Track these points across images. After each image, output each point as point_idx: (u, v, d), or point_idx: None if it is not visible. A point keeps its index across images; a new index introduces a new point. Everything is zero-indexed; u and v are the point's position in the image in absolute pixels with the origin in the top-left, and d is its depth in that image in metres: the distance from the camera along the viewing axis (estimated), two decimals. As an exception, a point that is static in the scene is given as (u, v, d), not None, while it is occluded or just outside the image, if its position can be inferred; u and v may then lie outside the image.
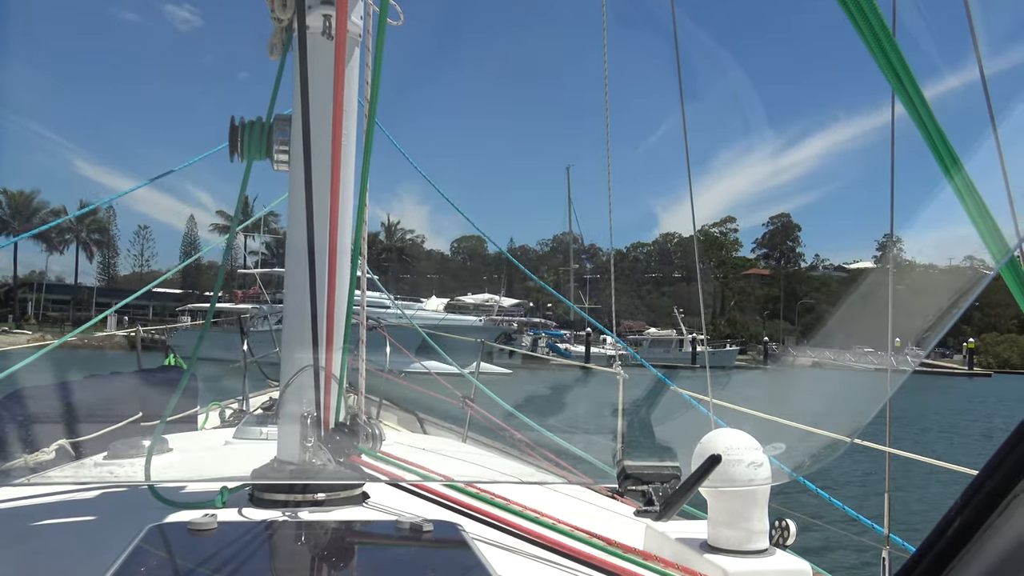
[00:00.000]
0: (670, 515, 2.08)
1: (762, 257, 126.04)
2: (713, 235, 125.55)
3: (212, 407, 5.99)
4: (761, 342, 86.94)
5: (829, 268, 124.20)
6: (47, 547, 2.05)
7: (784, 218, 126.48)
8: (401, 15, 2.88)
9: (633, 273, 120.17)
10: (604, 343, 73.91)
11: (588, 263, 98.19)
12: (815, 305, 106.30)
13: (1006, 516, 0.92)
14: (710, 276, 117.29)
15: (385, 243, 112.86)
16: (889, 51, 1.36)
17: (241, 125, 2.56)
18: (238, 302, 59.18)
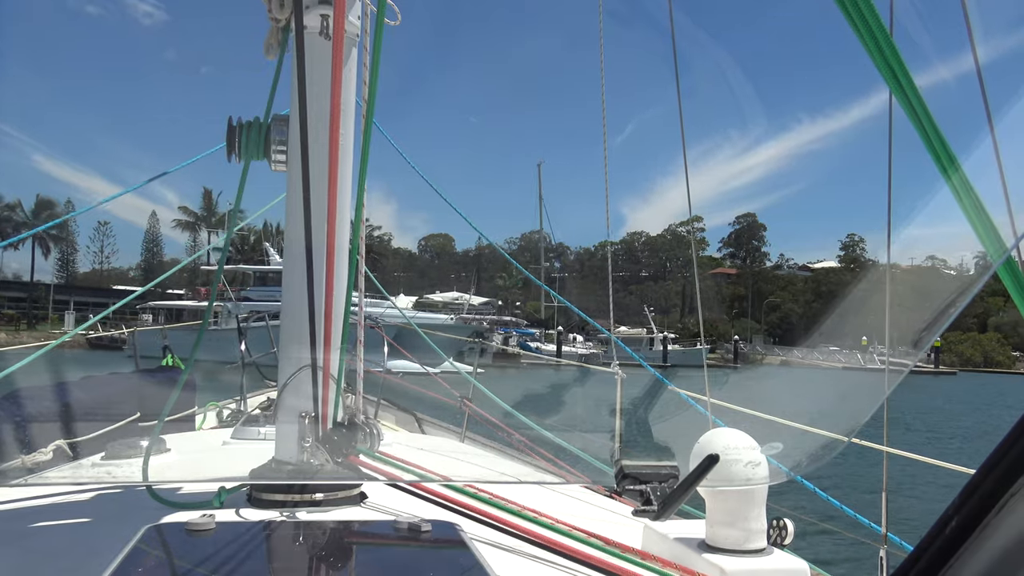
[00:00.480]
0: (668, 515, 2.08)
1: (728, 256, 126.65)
2: (680, 234, 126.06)
3: (210, 407, 5.99)
4: (730, 340, 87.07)
5: (794, 268, 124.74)
6: (44, 548, 2.05)
7: (750, 218, 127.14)
8: (398, 15, 2.88)
9: (601, 272, 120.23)
10: (574, 342, 73.35)
11: (556, 262, 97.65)
12: (780, 304, 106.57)
13: (1003, 515, 0.92)
14: (677, 275, 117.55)
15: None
16: (887, 51, 1.36)
17: (239, 125, 2.56)
18: (201, 299, 58.22)
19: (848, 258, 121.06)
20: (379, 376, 6.85)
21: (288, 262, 2.51)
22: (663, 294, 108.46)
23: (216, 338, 8.55)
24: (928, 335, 1.49)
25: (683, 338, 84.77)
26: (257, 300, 48.76)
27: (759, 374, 6.83)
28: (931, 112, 1.37)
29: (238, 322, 7.58)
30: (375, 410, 6.16)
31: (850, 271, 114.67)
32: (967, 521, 0.96)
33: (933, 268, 2.97)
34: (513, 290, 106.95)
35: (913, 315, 1.42)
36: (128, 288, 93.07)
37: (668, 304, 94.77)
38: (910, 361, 1.75)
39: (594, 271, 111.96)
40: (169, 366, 6.94)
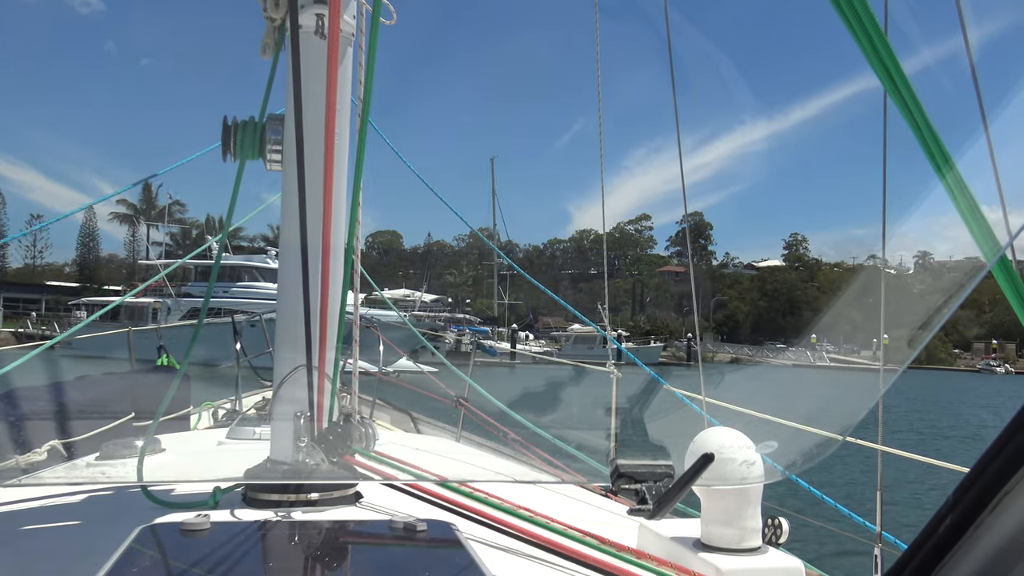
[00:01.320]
0: (663, 513, 2.08)
1: (675, 255, 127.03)
2: (628, 232, 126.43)
3: (205, 407, 5.98)
4: (681, 338, 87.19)
5: (739, 266, 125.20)
6: (39, 548, 2.04)
7: (696, 217, 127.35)
8: (394, 14, 2.87)
9: (551, 270, 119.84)
10: (526, 340, 72.70)
11: (499, 261, 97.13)
12: (728, 302, 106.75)
13: (997, 513, 0.93)
14: (625, 273, 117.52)
15: None
16: (881, 49, 1.37)
17: (234, 125, 2.55)
18: (138, 295, 56.92)
19: (792, 257, 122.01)
20: (374, 376, 6.84)
21: (283, 261, 2.50)
22: (612, 292, 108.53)
23: (158, 336, 8.46)
24: (923, 333, 1.49)
25: (635, 336, 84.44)
26: (199, 296, 48.33)
27: (752, 373, 6.83)
28: (926, 111, 1.37)
29: (232, 321, 7.56)
30: (370, 410, 6.15)
31: (794, 270, 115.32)
32: (961, 519, 0.96)
33: (924, 267, 2.93)
34: (463, 287, 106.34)
35: (858, 313, 1.42)
36: (64, 284, 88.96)
37: (618, 302, 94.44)
38: (905, 360, 1.75)
39: (542, 269, 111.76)
40: (164, 366, 6.93)
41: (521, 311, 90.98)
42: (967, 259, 1.51)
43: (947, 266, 2.55)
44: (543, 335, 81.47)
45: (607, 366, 5.45)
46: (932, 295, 1.51)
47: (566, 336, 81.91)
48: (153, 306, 51.42)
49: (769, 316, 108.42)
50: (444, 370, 7.36)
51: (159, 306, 51.09)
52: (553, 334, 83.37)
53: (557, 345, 77.20)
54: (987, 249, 1.39)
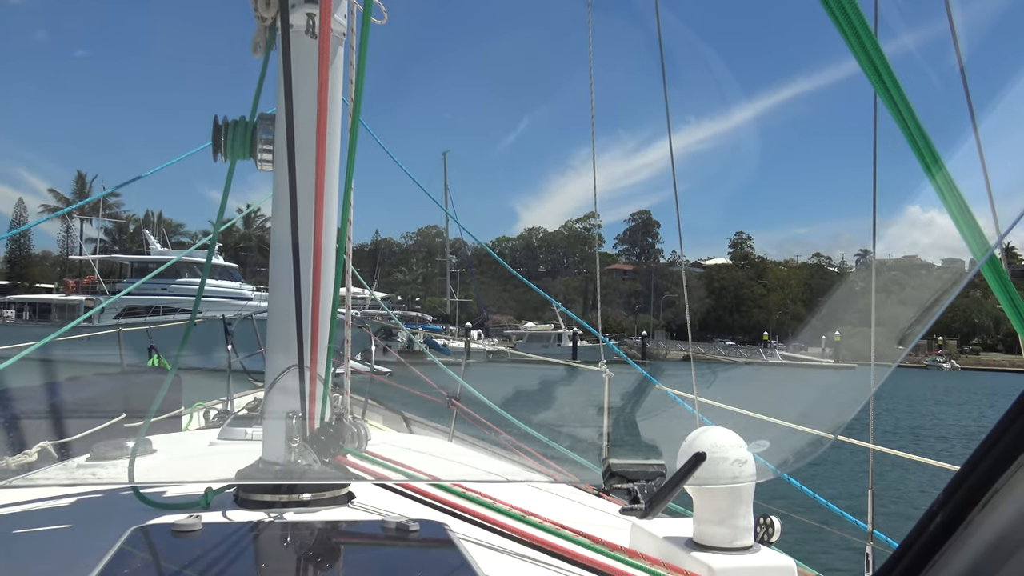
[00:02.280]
0: (655, 513, 2.08)
1: (624, 252, 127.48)
2: (577, 230, 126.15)
3: (196, 408, 5.96)
4: (633, 336, 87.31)
5: (686, 264, 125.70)
6: (29, 550, 2.03)
7: (644, 215, 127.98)
8: (385, 14, 2.87)
9: (500, 268, 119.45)
10: (478, 339, 72.03)
11: (454, 257, 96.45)
12: (676, 300, 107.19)
13: (987, 511, 0.93)
14: (574, 271, 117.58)
15: (243, 231, 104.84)
16: (871, 51, 1.37)
17: (224, 124, 2.55)
18: (70, 292, 53.71)
19: (738, 255, 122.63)
20: (366, 375, 6.84)
21: (275, 262, 2.50)
22: (562, 290, 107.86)
23: (92, 337, 8.28)
24: (914, 332, 1.50)
25: (588, 334, 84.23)
26: (135, 294, 45.38)
27: (744, 373, 6.85)
28: (916, 112, 1.38)
29: (224, 322, 7.55)
30: (363, 410, 6.15)
31: (740, 268, 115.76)
32: (951, 518, 0.97)
33: (909, 265, 2.95)
34: (413, 285, 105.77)
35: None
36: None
37: (567, 300, 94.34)
38: (896, 357, 1.76)
39: (491, 267, 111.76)
40: (155, 366, 6.91)
41: (472, 309, 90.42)
42: (950, 259, 1.52)
43: (934, 270, 2.57)
44: (495, 333, 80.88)
45: (599, 365, 5.45)
46: (920, 294, 1.52)
47: (519, 334, 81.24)
48: (86, 304, 48.46)
49: (716, 314, 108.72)
50: (397, 369, 7.35)
51: (91, 304, 47.73)
52: (506, 332, 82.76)
53: (510, 343, 76.47)
54: (976, 248, 1.40)
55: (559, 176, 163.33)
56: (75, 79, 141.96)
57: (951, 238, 1.45)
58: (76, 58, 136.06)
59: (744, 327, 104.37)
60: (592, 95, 5.34)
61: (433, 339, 61.02)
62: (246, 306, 32.26)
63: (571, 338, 75.13)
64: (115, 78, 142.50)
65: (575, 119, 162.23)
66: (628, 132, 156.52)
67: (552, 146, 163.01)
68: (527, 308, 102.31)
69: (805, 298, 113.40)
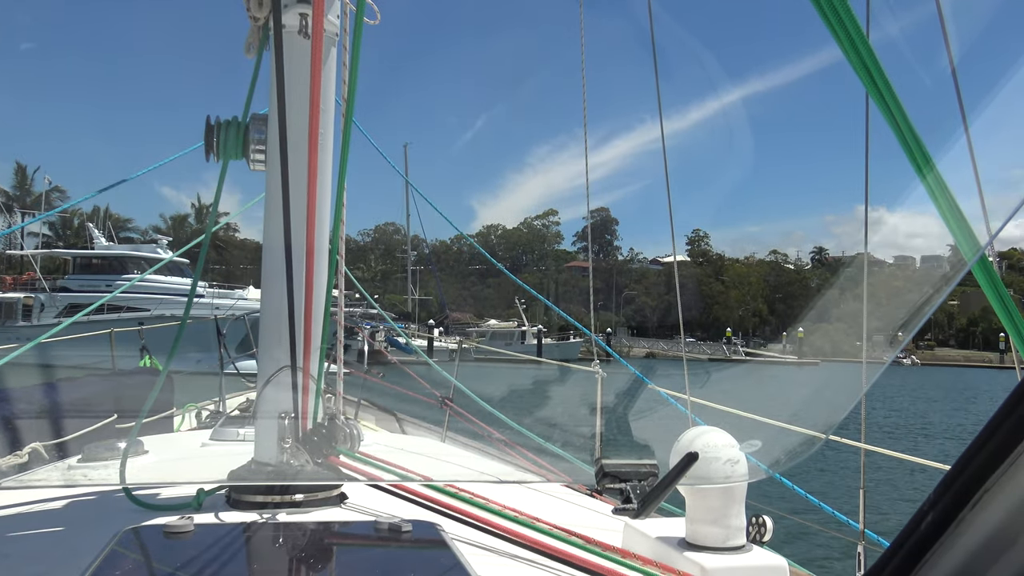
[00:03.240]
0: (648, 513, 2.09)
1: (582, 250, 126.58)
2: (536, 227, 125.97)
3: (188, 408, 5.95)
4: (605, 332, 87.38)
5: (644, 261, 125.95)
6: (20, 552, 2.02)
7: (603, 212, 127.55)
8: (378, 14, 2.87)
9: (458, 265, 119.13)
10: (442, 337, 71.26)
11: (412, 254, 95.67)
12: (636, 297, 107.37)
13: (978, 510, 0.94)
14: (533, 268, 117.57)
15: (195, 227, 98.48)
16: (863, 51, 1.38)
17: (217, 124, 2.54)
18: (7, 289, 49.50)
19: (695, 252, 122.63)
20: (359, 376, 6.83)
21: (267, 262, 2.49)
22: (519, 287, 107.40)
23: (31, 336, 8.07)
24: (905, 332, 1.50)
25: (550, 331, 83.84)
26: (78, 291, 43.62)
27: (736, 372, 6.87)
28: (907, 113, 1.39)
29: (216, 322, 7.53)
30: (355, 410, 6.14)
31: (698, 265, 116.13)
32: (942, 516, 0.97)
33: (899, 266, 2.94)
34: (372, 282, 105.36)
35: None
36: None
37: (528, 298, 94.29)
38: (889, 356, 1.77)
39: (450, 264, 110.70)
40: (146, 367, 6.89)
41: (433, 306, 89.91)
42: (933, 258, 1.53)
43: (920, 271, 2.58)
44: (457, 331, 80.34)
45: (592, 366, 5.46)
46: (910, 293, 1.53)
47: (481, 332, 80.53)
48: (24, 301, 46.68)
49: (675, 311, 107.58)
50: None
51: (30, 301, 46.31)
52: (469, 329, 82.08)
53: (473, 341, 76.16)
54: (967, 248, 1.40)
55: (516, 174, 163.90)
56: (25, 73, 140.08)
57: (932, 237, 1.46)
58: (21, 51, 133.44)
59: (703, 324, 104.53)
60: (584, 96, 5.36)
61: (394, 337, 59.49)
62: (233, 307, 31.68)
63: (535, 336, 74.09)
64: (109, 77, 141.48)
65: (532, 117, 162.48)
66: (585, 129, 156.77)
67: (509, 144, 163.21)
68: (486, 306, 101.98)
69: (765, 295, 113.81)
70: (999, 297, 1.44)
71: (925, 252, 52.02)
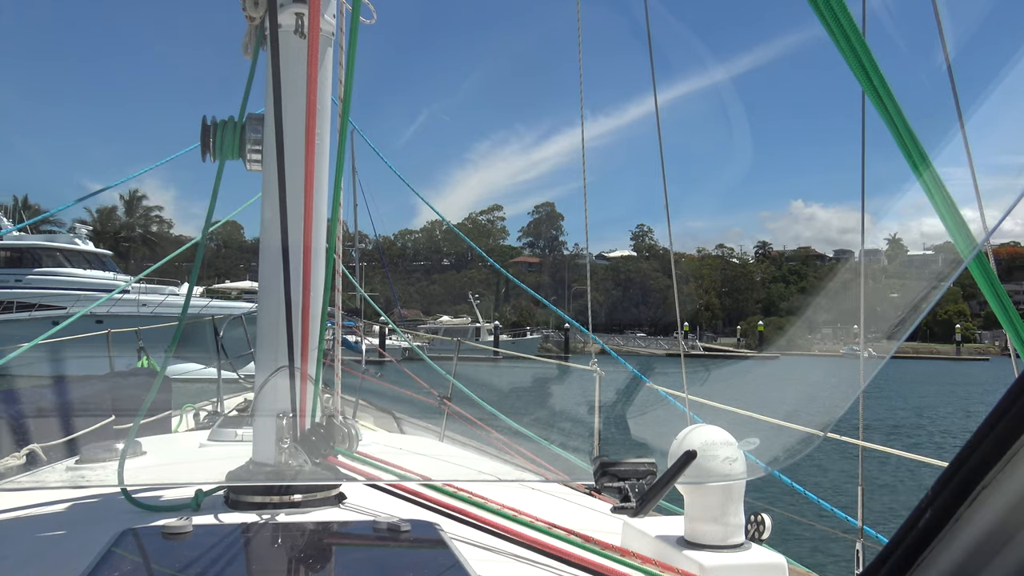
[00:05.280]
0: (646, 511, 2.09)
1: (528, 245, 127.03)
2: (481, 223, 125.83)
3: (186, 409, 5.95)
4: (548, 329, 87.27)
5: (590, 256, 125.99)
6: (17, 553, 2.02)
7: (548, 207, 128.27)
8: (374, 13, 2.87)
9: (403, 261, 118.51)
10: (392, 335, 69.38)
11: (353, 251, 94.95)
12: (584, 292, 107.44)
13: (976, 507, 0.94)
14: (479, 264, 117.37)
15: (124, 220, 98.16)
16: (859, 50, 1.38)
17: (213, 125, 2.54)
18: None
19: (640, 247, 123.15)
20: (357, 376, 6.83)
21: (264, 262, 2.49)
22: (468, 283, 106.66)
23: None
24: (902, 329, 1.50)
25: (507, 328, 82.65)
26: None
27: (734, 370, 6.86)
28: (903, 110, 1.39)
29: (213, 323, 7.52)
30: (353, 410, 6.14)
31: (644, 259, 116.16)
32: (941, 513, 0.97)
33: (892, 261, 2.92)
34: None
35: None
36: None
37: (475, 294, 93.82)
38: (887, 353, 1.77)
39: (394, 259, 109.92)
40: (143, 368, 6.88)
41: (381, 304, 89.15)
42: (924, 255, 1.54)
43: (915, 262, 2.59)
44: (407, 328, 79.22)
45: (591, 364, 5.46)
46: (906, 291, 1.53)
47: (432, 329, 79.43)
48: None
49: (623, 306, 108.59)
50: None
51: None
52: (421, 327, 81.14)
53: (425, 338, 74.92)
54: (963, 246, 1.41)
55: (458, 170, 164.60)
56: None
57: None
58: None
59: (651, 318, 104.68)
60: (582, 95, 5.35)
61: (344, 336, 56.86)
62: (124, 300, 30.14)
63: (491, 332, 72.53)
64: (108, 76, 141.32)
65: (472, 113, 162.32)
66: (525, 126, 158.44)
67: (451, 140, 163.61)
68: (432, 302, 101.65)
69: (717, 289, 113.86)
70: (995, 294, 1.44)
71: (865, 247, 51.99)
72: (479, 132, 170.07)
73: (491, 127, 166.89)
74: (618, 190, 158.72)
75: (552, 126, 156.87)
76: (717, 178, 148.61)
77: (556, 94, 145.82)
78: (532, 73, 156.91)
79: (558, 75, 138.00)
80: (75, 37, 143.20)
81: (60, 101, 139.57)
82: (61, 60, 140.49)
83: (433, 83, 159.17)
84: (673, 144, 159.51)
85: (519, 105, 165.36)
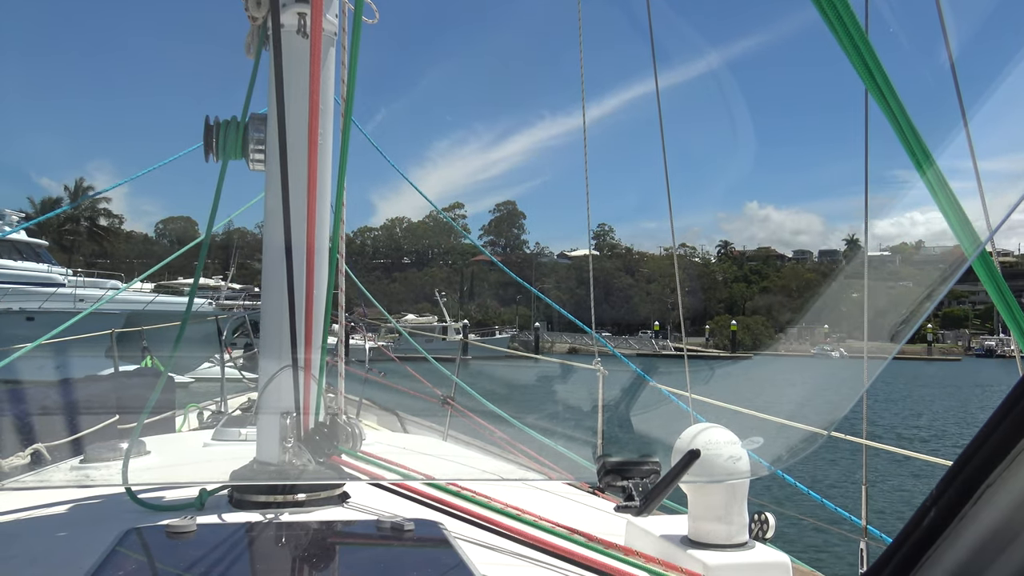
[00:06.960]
0: (650, 510, 2.08)
1: (489, 244, 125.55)
2: (442, 221, 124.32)
3: (190, 408, 5.95)
4: (515, 328, 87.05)
5: (551, 255, 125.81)
6: (23, 552, 2.02)
7: (509, 206, 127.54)
8: (376, 13, 2.87)
9: (361, 259, 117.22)
10: (353, 335, 67.17)
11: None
12: (548, 290, 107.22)
13: (980, 505, 0.93)
14: (439, 262, 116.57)
15: (70, 212, 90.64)
16: (862, 49, 1.38)
17: (216, 124, 2.54)
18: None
19: (603, 245, 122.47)
20: (361, 375, 6.83)
21: (268, 262, 2.49)
22: (429, 281, 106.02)
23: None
24: (906, 328, 1.50)
25: (475, 327, 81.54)
26: None
27: (737, 369, 6.85)
28: (907, 109, 1.38)
29: (217, 323, 7.53)
30: (357, 410, 6.14)
31: (607, 258, 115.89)
32: (945, 512, 0.97)
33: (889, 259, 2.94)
34: None
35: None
36: None
37: (440, 291, 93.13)
38: (888, 353, 1.76)
39: (353, 258, 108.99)
40: (148, 367, 6.89)
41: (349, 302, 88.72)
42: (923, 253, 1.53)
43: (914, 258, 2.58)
44: (369, 327, 77.99)
45: (594, 363, 5.45)
46: (908, 290, 1.52)
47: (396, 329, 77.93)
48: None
49: (587, 305, 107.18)
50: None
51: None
52: (385, 325, 79.77)
53: (390, 337, 73.92)
54: (967, 244, 1.40)
55: (417, 168, 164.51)
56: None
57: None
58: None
59: (615, 318, 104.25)
60: (583, 95, 5.35)
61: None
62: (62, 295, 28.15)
63: (460, 331, 70.35)
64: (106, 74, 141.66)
65: (430, 111, 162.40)
66: (484, 125, 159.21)
67: (408, 138, 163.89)
68: (393, 300, 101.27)
69: (686, 287, 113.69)
70: (1000, 292, 1.44)
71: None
72: (437, 130, 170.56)
73: (452, 125, 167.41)
74: (580, 188, 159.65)
75: (509, 126, 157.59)
76: (676, 178, 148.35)
77: (516, 94, 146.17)
78: (493, 72, 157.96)
79: (518, 75, 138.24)
80: (72, 34, 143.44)
81: (61, 96, 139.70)
82: (61, 54, 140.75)
83: (394, 81, 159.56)
84: (628, 143, 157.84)
85: (478, 102, 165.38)
